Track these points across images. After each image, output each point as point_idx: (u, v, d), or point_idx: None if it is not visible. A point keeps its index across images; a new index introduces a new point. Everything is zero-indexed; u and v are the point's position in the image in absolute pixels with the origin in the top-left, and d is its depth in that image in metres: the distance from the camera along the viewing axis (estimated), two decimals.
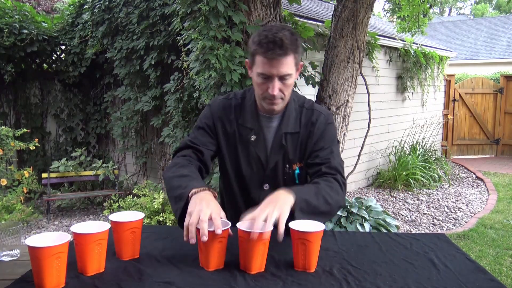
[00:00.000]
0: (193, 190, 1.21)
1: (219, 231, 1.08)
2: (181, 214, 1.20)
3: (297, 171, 1.47)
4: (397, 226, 3.95)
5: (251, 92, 1.49)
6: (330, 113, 1.53)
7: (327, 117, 1.48)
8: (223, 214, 1.17)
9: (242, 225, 1.12)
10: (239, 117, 1.47)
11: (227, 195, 1.58)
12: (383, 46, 6.66)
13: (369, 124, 4.21)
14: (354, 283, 1.05)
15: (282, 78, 1.32)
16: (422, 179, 6.56)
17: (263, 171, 1.47)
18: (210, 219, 1.11)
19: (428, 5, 6.99)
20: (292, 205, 1.20)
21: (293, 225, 1.14)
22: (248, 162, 1.47)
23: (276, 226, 1.12)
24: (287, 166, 1.46)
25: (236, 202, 1.55)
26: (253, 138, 1.45)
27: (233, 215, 1.42)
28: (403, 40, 7.17)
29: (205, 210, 1.12)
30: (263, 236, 1.08)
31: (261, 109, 1.46)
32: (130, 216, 1.21)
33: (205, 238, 1.07)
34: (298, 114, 1.47)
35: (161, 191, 4.51)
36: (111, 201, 4.83)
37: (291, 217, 1.18)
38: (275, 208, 1.14)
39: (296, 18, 4.51)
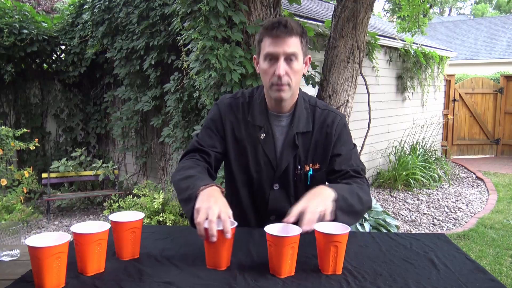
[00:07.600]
0: (201, 187, 1.19)
1: (228, 235, 1.05)
2: (192, 216, 1.15)
3: (310, 173, 1.44)
4: (397, 226, 3.95)
5: (259, 90, 1.48)
6: (344, 115, 1.51)
7: (343, 119, 1.47)
8: (230, 212, 1.13)
9: (270, 229, 1.08)
10: (247, 115, 1.45)
11: (232, 195, 1.54)
12: (383, 46, 6.66)
13: (369, 124, 4.21)
14: (354, 283, 1.05)
15: (288, 58, 1.32)
16: (422, 179, 6.56)
17: (273, 171, 1.44)
18: (219, 217, 1.08)
19: (428, 5, 6.99)
20: (334, 200, 1.21)
21: (320, 228, 1.10)
22: (256, 162, 1.44)
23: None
24: (298, 167, 1.43)
25: (241, 203, 1.51)
26: (262, 136, 1.43)
27: (239, 214, 1.41)
28: (403, 40, 7.16)
29: (214, 208, 1.09)
30: (293, 240, 1.06)
31: (270, 106, 1.44)
32: (130, 216, 1.21)
33: (214, 239, 1.04)
34: (310, 113, 1.45)
35: (161, 191, 4.51)
36: (111, 201, 4.83)
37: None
38: (320, 203, 1.16)
39: (296, 18, 4.52)
